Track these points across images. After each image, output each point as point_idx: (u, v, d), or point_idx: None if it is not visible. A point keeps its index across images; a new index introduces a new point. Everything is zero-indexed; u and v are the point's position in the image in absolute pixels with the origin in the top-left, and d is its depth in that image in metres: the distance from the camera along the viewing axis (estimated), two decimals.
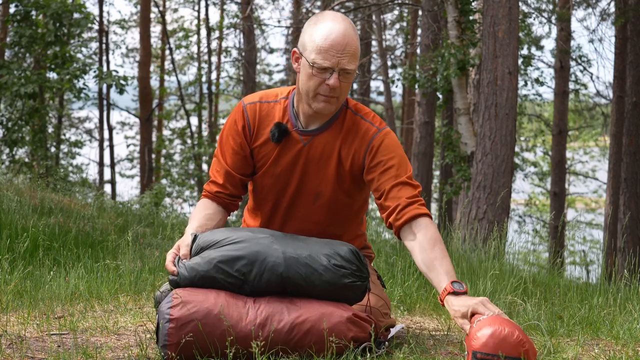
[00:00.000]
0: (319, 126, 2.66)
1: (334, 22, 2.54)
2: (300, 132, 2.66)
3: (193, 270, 2.48)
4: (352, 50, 2.53)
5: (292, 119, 2.67)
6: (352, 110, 2.68)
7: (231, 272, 2.43)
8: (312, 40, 2.54)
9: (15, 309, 3.09)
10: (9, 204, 5.32)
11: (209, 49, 22.38)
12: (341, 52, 2.51)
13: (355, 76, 2.61)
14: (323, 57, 2.51)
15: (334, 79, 2.52)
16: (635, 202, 11.01)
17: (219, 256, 2.45)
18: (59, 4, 11.90)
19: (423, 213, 2.56)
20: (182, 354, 2.36)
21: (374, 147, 2.62)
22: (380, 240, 6.39)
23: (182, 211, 18.43)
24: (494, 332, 2.23)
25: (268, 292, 2.45)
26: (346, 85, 2.57)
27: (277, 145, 2.66)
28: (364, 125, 2.65)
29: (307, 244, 2.50)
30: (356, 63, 2.55)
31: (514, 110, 7.37)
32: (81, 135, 25.61)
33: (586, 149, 26.80)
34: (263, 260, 2.43)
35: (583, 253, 19.36)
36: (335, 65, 2.52)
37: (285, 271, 2.41)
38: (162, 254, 4.85)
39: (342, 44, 2.51)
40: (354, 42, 2.54)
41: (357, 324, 2.42)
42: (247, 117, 2.69)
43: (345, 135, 2.65)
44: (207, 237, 2.54)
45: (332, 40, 2.51)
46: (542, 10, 15.24)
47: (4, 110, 12.79)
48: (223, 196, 2.74)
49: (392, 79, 13.03)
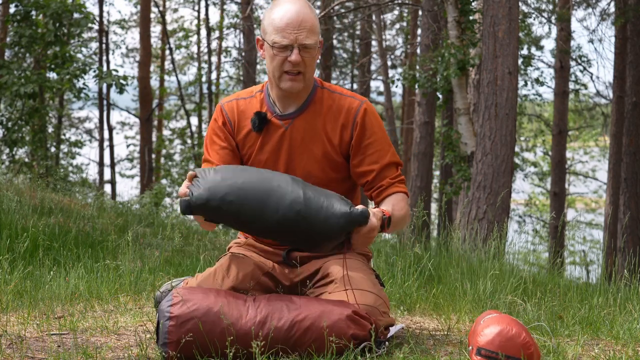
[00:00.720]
0: (297, 108, 2.76)
1: (288, 3, 2.67)
2: (280, 117, 2.76)
3: (209, 191, 2.46)
4: (309, 25, 2.65)
5: (270, 107, 2.77)
6: (328, 90, 2.79)
7: (249, 200, 2.45)
8: (270, 23, 2.67)
9: (15, 309, 3.09)
10: (9, 204, 5.32)
11: (209, 49, 22.38)
12: (298, 29, 2.63)
13: (318, 51, 2.71)
14: (282, 36, 2.64)
15: (295, 54, 2.64)
16: (635, 202, 11.01)
17: (242, 182, 2.48)
18: (59, 4, 11.89)
19: (399, 191, 2.76)
20: (182, 353, 2.36)
21: (357, 124, 2.75)
22: (380, 240, 6.39)
23: None
24: (501, 331, 2.25)
25: (277, 231, 2.48)
26: (309, 60, 2.67)
27: (260, 134, 2.76)
28: (346, 100, 2.77)
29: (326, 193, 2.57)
30: (315, 38, 2.66)
31: (514, 110, 7.37)
32: (81, 135, 25.60)
33: (586, 149, 26.80)
34: (283, 195, 2.47)
35: (583, 253, 19.37)
36: (294, 42, 2.64)
37: (304, 210, 2.45)
38: (162, 254, 4.85)
39: (298, 20, 2.64)
40: (309, 18, 2.65)
41: (357, 322, 2.42)
42: (225, 114, 2.81)
43: (326, 113, 2.75)
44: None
45: (287, 18, 2.64)
46: (542, 10, 15.24)
47: (4, 110, 12.79)
48: None
49: (392, 79, 13.02)
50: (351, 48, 23.91)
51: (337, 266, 2.72)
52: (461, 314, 3.18)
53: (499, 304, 3.38)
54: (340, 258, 2.79)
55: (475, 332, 2.31)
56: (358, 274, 2.69)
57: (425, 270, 4.13)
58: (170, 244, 5.52)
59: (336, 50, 23.02)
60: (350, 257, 2.81)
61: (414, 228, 5.44)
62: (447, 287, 3.70)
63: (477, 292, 3.53)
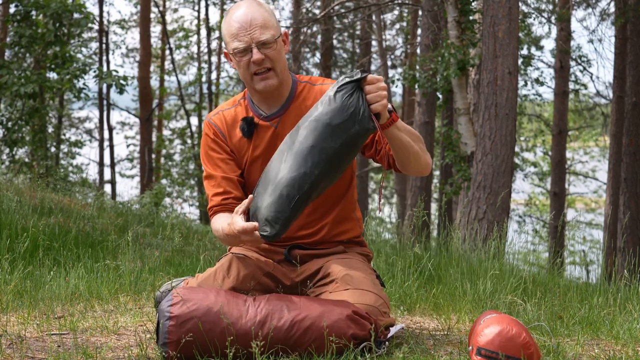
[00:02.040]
0: (282, 106, 2.78)
1: (237, 9, 2.70)
2: (267, 118, 2.78)
3: (275, 214, 2.49)
4: (259, 22, 2.66)
5: (255, 112, 2.80)
6: (309, 82, 2.82)
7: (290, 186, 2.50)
8: (225, 33, 2.71)
9: (15, 309, 3.09)
10: (9, 204, 5.32)
11: (209, 49, 22.39)
12: (249, 29, 2.65)
13: (283, 43, 2.72)
14: (238, 41, 2.66)
15: (255, 53, 2.65)
16: (635, 202, 11.01)
17: (279, 178, 2.52)
18: (59, 4, 11.89)
19: None
20: (182, 352, 2.36)
21: None
22: (380, 240, 6.39)
23: (182, 211, 18.43)
24: (501, 331, 2.25)
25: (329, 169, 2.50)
26: (273, 54, 2.68)
27: (251, 139, 2.78)
28: (327, 88, 2.77)
29: None
30: (270, 32, 2.66)
31: (514, 110, 7.37)
32: (81, 135, 25.59)
33: (586, 149, 26.79)
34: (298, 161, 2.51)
35: (583, 253, 19.36)
36: (250, 42, 2.65)
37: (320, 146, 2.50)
38: (162, 254, 4.86)
39: (247, 21, 2.66)
40: (258, 15, 2.67)
41: (357, 321, 2.42)
42: (215, 126, 2.83)
43: (312, 103, 2.76)
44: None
45: (237, 22, 2.67)
46: (542, 10, 15.23)
47: (4, 110, 12.79)
48: (231, 201, 2.76)
49: (392, 79, 13.02)
50: (351, 48, 23.90)
51: (338, 266, 2.72)
52: (461, 314, 3.18)
53: (499, 304, 3.38)
54: (342, 257, 2.79)
55: (475, 332, 2.31)
56: (359, 273, 2.69)
57: (425, 270, 4.13)
58: (170, 244, 5.53)
59: (336, 50, 23.01)
60: (351, 257, 2.81)
61: (414, 228, 5.44)
62: (447, 287, 3.70)
63: (477, 292, 3.53)
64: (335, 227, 2.84)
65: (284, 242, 2.83)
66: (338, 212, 2.83)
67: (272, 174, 2.54)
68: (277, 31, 2.69)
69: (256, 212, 2.54)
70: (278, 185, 2.49)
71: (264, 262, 2.79)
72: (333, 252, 2.83)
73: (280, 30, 2.72)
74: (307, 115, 2.56)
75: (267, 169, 2.59)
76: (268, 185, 2.54)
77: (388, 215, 21.16)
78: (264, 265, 2.77)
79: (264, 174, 2.59)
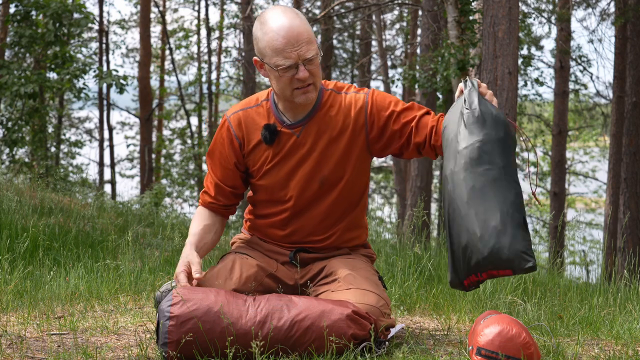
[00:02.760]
0: (306, 114, 2.72)
1: (278, 18, 2.59)
2: (290, 126, 2.72)
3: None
4: (305, 37, 2.58)
5: (278, 117, 2.73)
6: (334, 90, 2.76)
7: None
8: (266, 45, 2.59)
9: (15, 309, 3.09)
10: (9, 204, 5.32)
11: (209, 49, 22.38)
12: (296, 45, 2.56)
13: (320, 56, 2.67)
14: (283, 57, 2.57)
15: (302, 71, 2.59)
16: (635, 202, 11.00)
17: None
18: (59, 4, 11.89)
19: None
20: (182, 352, 2.36)
21: (372, 108, 2.71)
22: (380, 240, 6.39)
23: (182, 211, 18.42)
24: (501, 331, 2.25)
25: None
26: (315, 70, 2.62)
27: (271, 146, 2.72)
28: (351, 97, 2.74)
29: None
30: (314, 47, 2.60)
31: (514, 110, 7.37)
32: (81, 135, 25.59)
33: (586, 149, 26.77)
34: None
35: (583, 253, 19.35)
36: (297, 59, 2.57)
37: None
38: (162, 254, 4.85)
39: (294, 37, 2.56)
40: (304, 30, 2.58)
41: (357, 321, 2.42)
42: (232, 129, 2.77)
43: (336, 114, 2.72)
44: None
45: (283, 37, 2.56)
46: (542, 10, 15.22)
47: (4, 110, 12.79)
48: (217, 207, 2.85)
49: (392, 79, 13.03)
50: (351, 48, 23.91)
51: (341, 265, 2.72)
52: (461, 314, 3.18)
53: (499, 304, 3.38)
54: (344, 258, 2.79)
55: (475, 332, 2.31)
56: (361, 273, 2.69)
57: (425, 270, 4.13)
58: (170, 244, 5.52)
59: (336, 50, 23.00)
60: (354, 258, 2.81)
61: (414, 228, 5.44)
62: (447, 287, 3.69)
63: (477, 292, 3.53)
64: (345, 234, 2.83)
65: (291, 245, 2.82)
66: (350, 219, 2.82)
67: (483, 215, 2.28)
68: (317, 44, 2.64)
69: (498, 252, 2.25)
70: (507, 218, 2.26)
71: (267, 262, 2.78)
72: (338, 253, 2.83)
73: (318, 41, 2.67)
74: (460, 146, 2.37)
75: (466, 212, 2.31)
76: (488, 226, 2.27)
77: (388, 215, 21.14)
78: (267, 266, 2.76)
79: (465, 220, 2.32)
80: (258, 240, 2.87)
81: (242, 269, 2.69)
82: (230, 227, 14.90)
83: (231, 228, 14.70)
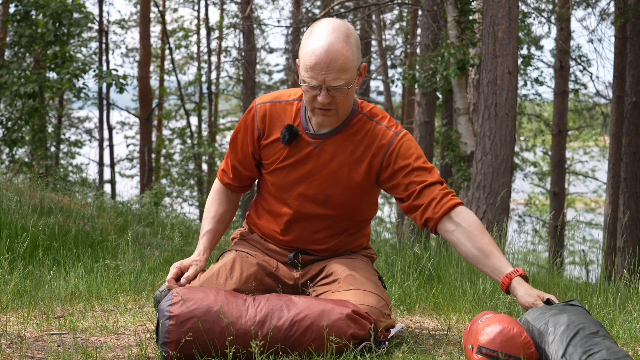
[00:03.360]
0: (331, 130, 2.67)
1: (322, 35, 2.50)
2: (312, 136, 2.67)
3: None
4: (339, 65, 2.48)
5: (303, 122, 2.69)
6: (367, 116, 2.68)
7: None
8: (303, 56, 2.54)
9: (15, 309, 3.09)
10: (9, 204, 5.32)
11: (209, 49, 22.38)
12: (326, 70, 2.48)
13: (358, 81, 2.59)
14: (310, 76, 2.51)
15: (323, 96, 2.52)
16: (635, 202, 11.00)
17: None
18: (59, 4, 11.89)
19: (460, 203, 2.60)
20: (182, 353, 2.36)
21: (394, 152, 2.64)
22: (380, 240, 6.39)
23: (182, 211, 18.42)
24: (502, 330, 2.25)
25: None
26: (341, 98, 2.55)
27: (288, 147, 2.69)
28: (380, 129, 2.66)
29: None
30: (347, 77, 2.50)
31: (514, 110, 7.37)
32: (81, 135, 25.60)
33: (586, 149, 26.78)
34: None
35: (583, 253, 19.35)
36: (322, 84, 2.50)
37: None
38: (162, 254, 4.86)
39: (326, 61, 2.48)
40: (340, 56, 2.48)
41: (357, 321, 2.42)
42: (256, 118, 2.73)
43: (360, 141, 2.66)
44: None
45: (316, 57, 2.48)
46: (542, 10, 15.23)
47: (4, 110, 12.79)
48: (233, 187, 2.89)
49: (392, 79, 13.03)
50: None
51: (341, 266, 2.72)
52: (461, 314, 3.18)
53: (499, 304, 3.38)
54: (344, 258, 2.79)
55: (476, 331, 2.31)
56: (362, 274, 2.69)
57: (425, 270, 4.13)
58: (170, 244, 5.52)
59: None
60: (355, 259, 2.81)
61: (414, 228, 5.44)
62: (447, 287, 3.70)
63: (477, 292, 3.53)
64: (346, 244, 2.84)
65: (292, 247, 2.82)
66: (352, 232, 2.82)
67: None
68: (353, 75, 2.52)
69: None
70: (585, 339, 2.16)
71: (267, 260, 2.78)
72: (339, 253, 2.84)
73: (357, 71, 2.55)
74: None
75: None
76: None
77: (388, 215, 21.15)
78: (267, 266, 2.76)
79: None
80: (259, 239, 2.87)
81: (242, 268, 2.69)
82: (231, 227, 14.90)
83: (231, 228, 14.70)
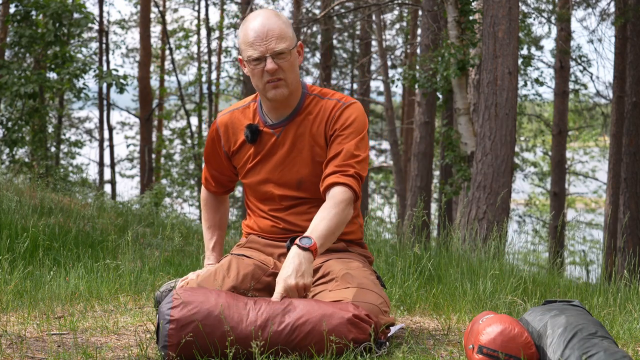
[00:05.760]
0: (287, 116, 2.83)
1: (254, 18, 2.76)
2: (271, 126, 2.84)
3: None
4: (276, 33, 2.71)
5: (261, 117, 2.86)
6: (318, 95, 2.86)
7: None
8: (242, 41, 2.76)
9: (15, 309, 3.09)
10: (9, 204, 5.32)
11: (209, 49, 22.38)
12: (265, 39, 2.71)
13: (297, 54, 2.78)
14: (253, 49, 2.72)
15: (269, 63, 2.70)
16: (635, 202, 11.00)
17: None
18: (59, 4, 11.89)
19: (339, 182, 2.70)
20: (183, 355, 2.36)
21: (333, 118, 2.80)
22: (380, 240, 6.38)
23: (182, 211, 18.42)
24: (503, 330, 2.25)
25: None
26: (287, 65, 2.73)
27: (254, 145, 2.86)
28: (331, 103, 2.84)
29: None
30: (286, 43, 2.72)
31: (514, 110, 7.37)
32: (81, 135, 25.60)
33: (586, 149, 26.78)
34: None
35: (583, 253, 19.36)
36: (265, 52, 2.71)
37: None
38: (162, 254, 4.86)
39: (264, 31, 2.71)
40: (275, 26, 2.72)
41: (358, 325, 2.41)
42: (219, 132, 2.92)
43: (314, 118, 2.82)
44: None
45: (254, 32, 2.72)
46: (542, 10, 15.23)
47: (4, 110, 12.79)
48: (219, 193, 3.12)
49: (392, 79, 13.03)
50: (351, 48, 23.91)
51: (338, 264, 2.72)
52: (461, 314, 3.19)
53: (499, 304, 3.38)
54: (342, 257, 2.79)
55: (476, 331, 2.31)
56: (359, 272, 2.69)
57: (425, 270, 4.13)
58: (170, 244, 5.52)
59: (336, 50, 23.02)
60: (352, 258, 2.81)
61: (414, 228, 5.44)
62: (447, 287, 3.70)
63: (477, 292, 3.53)
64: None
65: (286, 235, 2.84)
66: None
67: None
68: (292, 42, 2.75)
69: None
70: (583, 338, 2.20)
71: (265, 260, 2.79)
72: (334, 249, 2.83)
73: (295, 41, 2.78)
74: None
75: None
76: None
77: (388, 215, 21.15)
78: (265, 266, 2.77)
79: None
80: (255, 238, 2.90)
81: (239, 267, 2.73)
82: (231, 227, 14.90)
83: (231, 228, 14.70)
